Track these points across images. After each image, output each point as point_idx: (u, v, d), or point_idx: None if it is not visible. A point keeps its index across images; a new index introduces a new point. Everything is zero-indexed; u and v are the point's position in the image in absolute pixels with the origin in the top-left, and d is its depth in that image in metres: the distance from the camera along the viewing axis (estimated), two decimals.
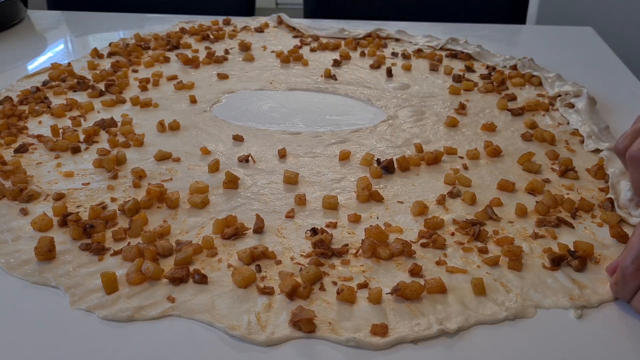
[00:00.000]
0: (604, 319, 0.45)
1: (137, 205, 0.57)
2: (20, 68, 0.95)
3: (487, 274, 0.50)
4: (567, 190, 0.62)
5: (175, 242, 0.53)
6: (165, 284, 0.48)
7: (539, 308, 0.46)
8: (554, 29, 1.18)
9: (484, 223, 0.56)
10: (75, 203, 0.58)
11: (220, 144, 0.71)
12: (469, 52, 1.02)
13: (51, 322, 0.45)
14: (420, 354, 0.42)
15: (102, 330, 0.44)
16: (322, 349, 0.43)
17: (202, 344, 0.43)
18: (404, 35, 1.11)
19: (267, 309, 0.46)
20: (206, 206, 0.59)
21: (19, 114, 0.76)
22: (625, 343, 0.43)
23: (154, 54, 1.00)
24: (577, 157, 0.68)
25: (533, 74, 0.91)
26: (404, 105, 0.83)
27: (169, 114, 0.78)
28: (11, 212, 0.57)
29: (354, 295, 0.47)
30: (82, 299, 0.47)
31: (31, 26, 1.19)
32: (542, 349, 0.43)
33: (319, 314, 0.45)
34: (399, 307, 0.46)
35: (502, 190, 0.62)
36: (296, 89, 0.89)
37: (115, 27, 1.20)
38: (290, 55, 0.99)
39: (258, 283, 0.48)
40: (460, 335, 0.44)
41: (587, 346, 0.43)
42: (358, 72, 0.95)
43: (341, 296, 0.46)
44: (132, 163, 0.66)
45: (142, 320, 0.45)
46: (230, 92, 0.87)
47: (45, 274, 0.49)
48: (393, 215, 0.57)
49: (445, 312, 0.46)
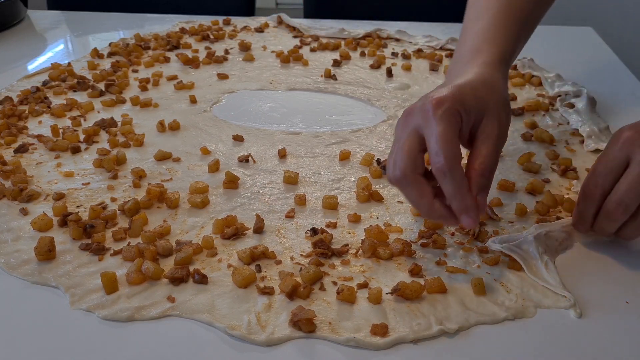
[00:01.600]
0: (603, 319, 0.45)
1: (137, 205, 0.57)
2: (20, 68, 0.95)
3: (487, 273, 0.50)
4: (567, 190, 0.62)
5: (175, 242, 0.53)
6: (166, 283, 0.48)
7: (539, 308, 0.46)
8: (554, 29, 1.18)
9: (484, 223, 0.56)
10: (75, 203, 0.58)
11: (220, 144, 0.71)
12: None
13: (51, 322, 0.45)
14: (421, 353, 0.42)
15: (102, 330, 0.44)
16: (322, 348, 0.43)
17: (201, 344, 0.43)
18: (404, 35, 1.11)
19: (267, 309, 0.46)
20: (206, 206, 0.59)
21: (19, 114, 0.76)
22: (624, 342, 0.43)
23: (154, 54, 1.00)
24: (577, 157, 0.68)
25: (533, 74, 0.91)
26: (404, 105, 0.83)
27: (169, 114, 0.78)
28: (11, 212, 0.57)
29: (354, 295, 0.47)
30: (82, 298, 0.47)
31: (31, 26, 1.19)
32: (542, 348, 0.43)
33: (319, 313, 0.45)
34: (399, 307, 0.46)
35: (502, 190, 0.62)
36: (296, 89, 0.89)
37: (115, 27, 1.19)
38: (290, 55, 0.99)
39: (258, 283, 0.48)
40: (461, 335, 0.44)
41: (587, 345, 0.43)
42: (358, 72, 0.95)
43: (341, 296, 0.46)
44: (132, 163, 0.66)
45: (141, 320, 0.45)
46: (230, 92, 0.87)
47: (45, 274, 0.49)
48: (393, 215, 0.57)
49: (446, 312, 0.46)
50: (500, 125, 0.49)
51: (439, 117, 0.46)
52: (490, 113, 0.49)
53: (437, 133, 0.45)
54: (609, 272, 0.50)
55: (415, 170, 0.47)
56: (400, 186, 0.48)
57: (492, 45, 0.57)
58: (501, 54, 0.56)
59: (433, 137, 0.46)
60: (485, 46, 0.57)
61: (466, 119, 0.48)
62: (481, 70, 0.53)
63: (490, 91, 0.50)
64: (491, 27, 0.59)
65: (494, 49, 0.56)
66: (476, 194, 0.46)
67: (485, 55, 0.56)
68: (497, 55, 0.56)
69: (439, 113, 0.46)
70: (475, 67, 0.54)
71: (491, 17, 0.60)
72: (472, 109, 0.48)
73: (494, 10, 0.61)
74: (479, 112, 0.49)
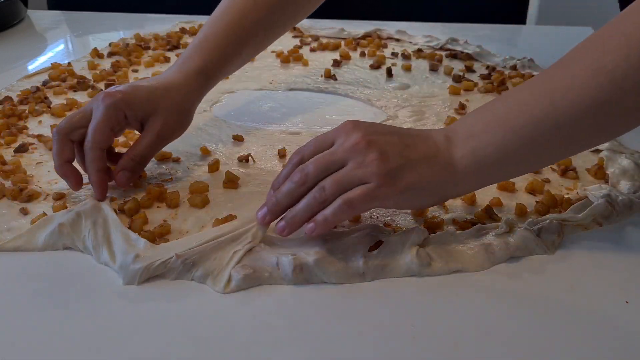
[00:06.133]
0: (603, 319, 0.45)
1: (137, 205, 0.57)
2: (20, 68, 0.95)
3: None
4: (567, 190, 0.62)
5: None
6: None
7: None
8: (554, 29, 1.18)
9: (484, 223, 0.56)
10: (75, 203, 0.58)
11: (220, 144, 0.71)
12: (469, 52, 1.02)
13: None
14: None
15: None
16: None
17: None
18: (404, 35, 1.11)
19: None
20: (206, 206, 0.59)
21: (19, 114, 0.76)
22: (625, 342, 0.43)
23: (154, 54, 1.00)
24: (577, 157, 0.68)
25: (533, 74, 0.91)
26: (404, 105, 0.83)
27: None
28: (11, 212, 0.57)
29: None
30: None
31: (31, 26, 1.19)
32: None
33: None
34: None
35: (502, 190, 0.62)
36: (296, 89, 0.89)
37: (115, 27, 1.20)
38: (290, 55, 0.99)
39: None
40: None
41: (587, 345, 0.43)
42: (358, 72, 0.95)
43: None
44: None
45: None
46: (230, 92, 0.87)
47: None
48: (393, 215, 0.57)
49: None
50: (164, 125, 0.60)
51: (103, 107, 0.56)
52: (159, 113, 0.59)
53: (95, 120, 0.56)
54: (609, 272, 0.50)
55: (68, 135, 0.57)
56: (54, 139, 0.57)
57: (198, 57, 0.65)
58: (201, 67, 0.64)
59: (92, 121, 0.56)
60: (194, 55, 0.65)
61: (131, 114, 0.58)
62: (173, 77, 0.63)
63: (164, 96, 0.60)
64: (209, 37, 0.66)
65: (199, 61, 0.64)
66: (117, 170, 0.58)
67: (189, 64, 0.64)
68: (198, 67, 0.64)
69: (104, 104, 0.56)
70: (176, 73, 0.64)
71: (215, 27, 0.67)
72: (139, 108, 0.59)
73: (222, 21, 0.67)
74: (147, 112, 0.59)
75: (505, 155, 0.48)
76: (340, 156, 0.49)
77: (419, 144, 0.50)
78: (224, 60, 0.66)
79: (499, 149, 0.48)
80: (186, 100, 0.63)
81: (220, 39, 0.66)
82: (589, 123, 0.46)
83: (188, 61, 0.65)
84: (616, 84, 0.44)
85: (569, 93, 0.45)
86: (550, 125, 0.46)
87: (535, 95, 0.48)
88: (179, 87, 0.62)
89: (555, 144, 0.47)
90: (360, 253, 0.49)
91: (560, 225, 0.54)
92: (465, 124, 0.51)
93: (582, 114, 0.45)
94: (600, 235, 0.54)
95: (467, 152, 0.49)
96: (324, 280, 0.48)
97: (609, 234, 0.55)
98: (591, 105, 0.45)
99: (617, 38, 0.45)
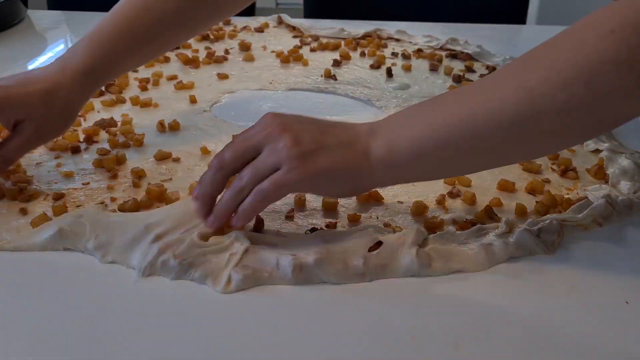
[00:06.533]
0: (603, 319, 0.45)
1: (137, 205, 0.57)
2: (20, 68, 0.95)
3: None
4: (567, 190, 0.62)
5: None
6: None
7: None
8: (554, 29, 1.18)
9: (484, 223, 0.56)
10: (75, 203, 0.58)
11: (220, 144, 0.71)
12: (469, 52, 1.02)
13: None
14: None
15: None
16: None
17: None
18: (404, 35, 1.11)
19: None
20: None
21: None
22: (624, 343, 0.43)
23: None
24: (577, 157, 0.68)
25: None
26: (404, 105, 0.83)
27: (169, 114, 0.78)
28: (11, 212, 0.57)
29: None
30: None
31: (31, 26, 1.19)
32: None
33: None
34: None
35: (502, 190, 0.62)
36: (296, 89, 0.89)
37: None
38: (290, 55, 0.99)
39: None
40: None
41: (586, 345, 0.43)
42: (358, 72, 0.95)
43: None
44: (132, 163, 0.66)
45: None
46: (230, 92, 0.87)
47: None
48: (393, 215, 0.57)
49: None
50: (38, 129, 0.58)
51: None
52: (33, 119, 0.57)
53: None
54: (609, 272, 0.50)
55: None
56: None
57: (87, 56, 0.61)
58: (88, 67, 0.60)
59: None
60: (81, 52, 0.61)
61: (3, 119, 0.57)
62: (56, 78, 0.59)
63: (42, 103, 0.57)
64: (95, 36, 0.62)
65: (86, 59, 0.61)
66: None
67: (76, 62, 0.60)
68: (85, 66, 0.60)
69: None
70: (59, 73, 0.59)
71: (108, 20, 0.63)
72: (12, 113, 0.57)
73: (113, 21, 0.63)
74: (19, 117, 0.57)
75: (421, 153, 0.48)
76: (255, 142, 0.50)
77: (338, 132, 0.50)
78: (114, 59, 0.63)
79: (413, 145, 0.48)
80: (68, 105, 0.60)
81: (113, 34, 0.62)
82: (505, 137, 0.46)
83: (74, 58, 0.61)
84: (534, 103, 0.44)
85: (489, 102, 0.46)
86: (467, 130, 0.46)
87: (460, 99, 0.49)
88: (60, 91, 0.59)
89: (472, 151, 0.47)
90: (361, 253, 0.49)
91: (560, 225, 0.54)
92: (391, 118, 0.52)
93: (498, 125, 0.45)
94: (600, 235, 0.55)
95: (383, 143, 0.49)
96: (324, 280, 0.48)
97: (609, 234, 0.55)
98: (508, 119, 0.45)
99: (544, 59, 0.45)
